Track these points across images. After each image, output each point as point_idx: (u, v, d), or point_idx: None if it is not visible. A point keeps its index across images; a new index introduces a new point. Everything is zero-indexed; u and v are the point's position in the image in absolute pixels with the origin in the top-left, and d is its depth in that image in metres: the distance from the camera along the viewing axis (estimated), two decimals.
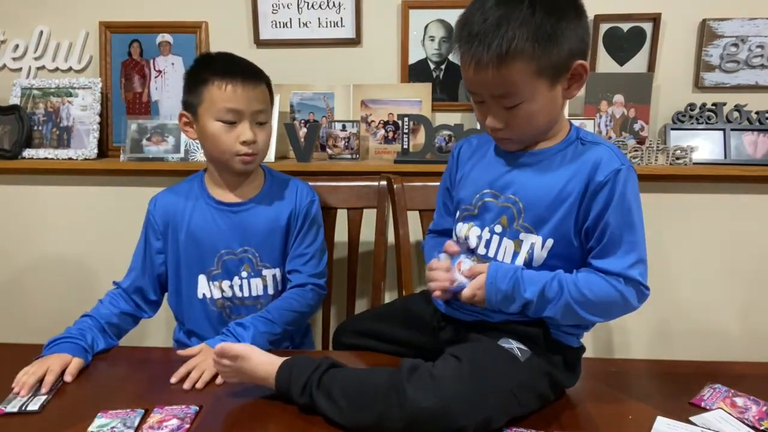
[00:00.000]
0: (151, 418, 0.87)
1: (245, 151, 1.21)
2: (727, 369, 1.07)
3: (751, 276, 1.82)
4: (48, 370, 0.98)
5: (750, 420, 0.88)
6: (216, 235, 1.26)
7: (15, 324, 1.97)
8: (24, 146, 1.86)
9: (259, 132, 1.23)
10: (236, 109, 1.19)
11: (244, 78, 1.20)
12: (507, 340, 0.94)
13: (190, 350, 1.07)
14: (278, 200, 1.31)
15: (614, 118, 1.78)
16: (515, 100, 0.89)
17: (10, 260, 1.98)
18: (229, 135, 1.20)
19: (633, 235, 0.91)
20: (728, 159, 1.73)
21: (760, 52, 1.74)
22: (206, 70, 1.21)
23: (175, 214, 1.27)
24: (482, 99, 0.92)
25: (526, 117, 0.90)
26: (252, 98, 1.20)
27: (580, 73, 0.90)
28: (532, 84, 0.87)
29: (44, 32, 1.90)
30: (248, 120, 1.21)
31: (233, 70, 1.20)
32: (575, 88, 0.92)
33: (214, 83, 1.18)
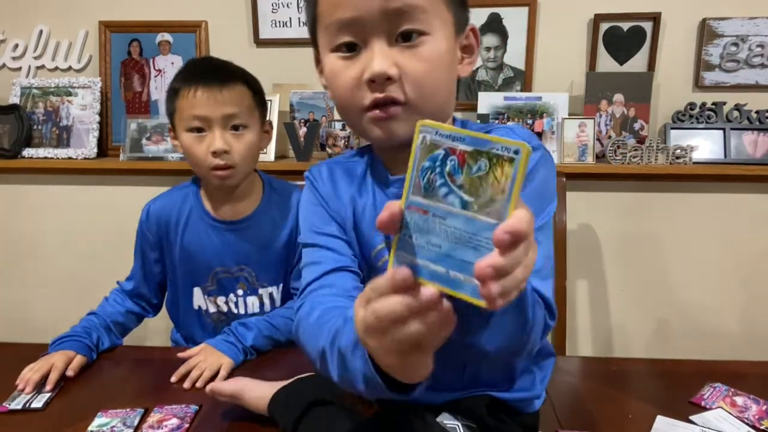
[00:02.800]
0: (151, 417, 0.87)
1: (216, 163, 1.10)
2: (727, 368, 1.06)
3: (751, 275, 1.82)
4: (53, 367, 0.98)
5: (750, 419, 0.88)
6: (210, 252, 1.20)
7: (15, 323, 1.97)
8: (24, 145, 1.86)
9: (234, 140, 1.11)
10: (201, 115, 1.09)
11: (209, 79, 1.09)
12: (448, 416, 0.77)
13: (190, 351, 1.06)
14: (278, 216, 1.21)
15: (614, 117, 1.78)
16: (418, 24, 0.63)
17: (10, 259, 1.98)
18: (199, 146, 1.10)
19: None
20: (728, 158, 1.73)
21: (760, 52, 1.74)
22: (177, 78, 1.14)
23: (167, 226, 1.21)
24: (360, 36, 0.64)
25: (428, 61, 0.65)
26: (221, 101, 1.09)
27: (472, 43, 0.73)
28: (438, 8, 0.65)
29: (44, 32, 1.90)
30: (218, 127, 1.10)
31: (198, 73, 1.11)
32: (468, 63, 0.74)
33: (181, 90, 1.10)
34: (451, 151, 0.41)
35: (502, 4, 1.78)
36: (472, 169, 0.40)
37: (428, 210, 0.43)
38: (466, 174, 0.41)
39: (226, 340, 1.08)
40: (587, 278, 1.87)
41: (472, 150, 0.40)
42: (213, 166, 1.10)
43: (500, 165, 0.39)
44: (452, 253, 0.42)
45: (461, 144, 0.41)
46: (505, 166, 0.38)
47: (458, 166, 0.41)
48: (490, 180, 0.39)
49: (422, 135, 0.43)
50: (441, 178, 0.42)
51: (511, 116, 1.77)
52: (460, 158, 0.41)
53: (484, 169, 0.40)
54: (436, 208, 0.42)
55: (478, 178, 0.40)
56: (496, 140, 0.39)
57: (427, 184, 0.42)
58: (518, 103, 1.78)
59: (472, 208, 0.40)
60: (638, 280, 1.85)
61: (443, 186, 0.42)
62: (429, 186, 0.42)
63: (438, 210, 0.42)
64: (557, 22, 1.78)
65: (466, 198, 0.41)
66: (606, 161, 1.73)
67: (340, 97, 0.69)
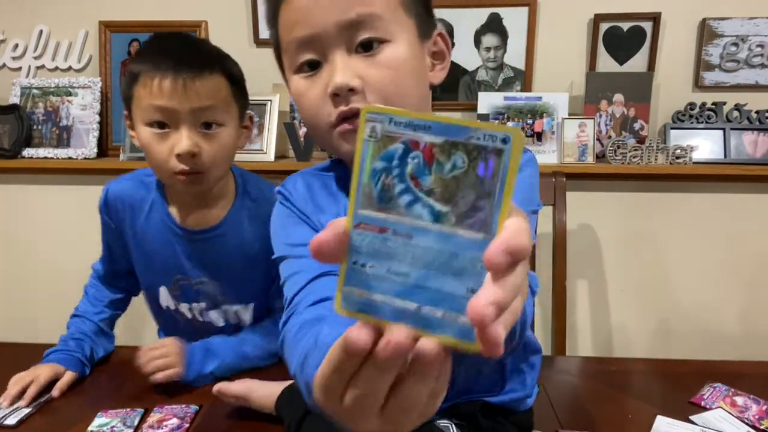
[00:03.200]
0: (151, 417, 0.87)
1: (181, 167, 0.91)
2: (727, 368, 1.06)
3: (751, 275, 1.82)
4: (33, 381, 0.93)
5: (750, 419, 0.88)
6: (171, 259, 1.05)
7: (15, 323, 1.97)
8: (24, 145, 1.86)
9: (204, 140, 0.92)
10: (165, 106, 0.89)
11: (179, 64, 0.89)
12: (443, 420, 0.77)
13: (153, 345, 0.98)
14: (249, 227, 1.02)
15: (614, 117, 1.78)
16: (376, 32, 0.61)
17: (10, 259, 1.98)
18: (160, 145, 0.91)
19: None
20: (728, 158, 1.73)
21: (760, 52, 1.74)
22: (138, 58, 0.95)
23: (124, 216, 1.06)
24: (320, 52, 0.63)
25: (390, 68, 0.62)
26: (192, 92, 0.89)
27: (442, 48, 0.70)
28: (397, 15, 0.63)
29: (44, 31, 1.90)
30: (186, 123, 0.90)
31: (165, 55, 0.90)
32: (440, 69, 0.70)
33: (142, 75, 0.90)
34: (412, 145, 0.31)
35: (502, 4, 1.78)
36: (444, 167, 0.30)
37: (386, 227, 0.32)
38: (437, 174, 0.31)
39: (192, 355, 0.99)
40: (587, 278, 1.87)
41: (442, 142, 0.30)
42: (177, 171, 0.92)
43: (483, 159, 0.29)
44: (425, 283, 0.31)
45: (427, 134, 0.31)
46: (491, 160, 0.29)
47: (424, 165, 0.31)
48: (471, 180, 0.30)
49: (370, 125, 0.32)
50: (401, 182, 0.32)
51: (511, 116, 1.77)
52: (427, 153, 0.31)
53: (461, 166, 0.30)
54: (397, 224, 0.32)
55: (454, 179, 0.30)
56: (477, 126, 0.30)
57: (382, 191, 0.32)
58: (518, 103, 1.78)
59: (449, 220, 0.31)
60: (638, 280, 1.85)
61: (405, 193, 0.32)
62: (385, 194, 0.32)
63: (400, 226, 0.32)
64: (557, 22, 1.78)
65: (439, 207, 0.31)
66: (606, 161, 1.73)
67: (307, 117, 0.67)
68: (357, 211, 0.33)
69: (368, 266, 0.33)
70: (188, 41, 0.99)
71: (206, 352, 1.00)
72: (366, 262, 0.33)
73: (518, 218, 0.29)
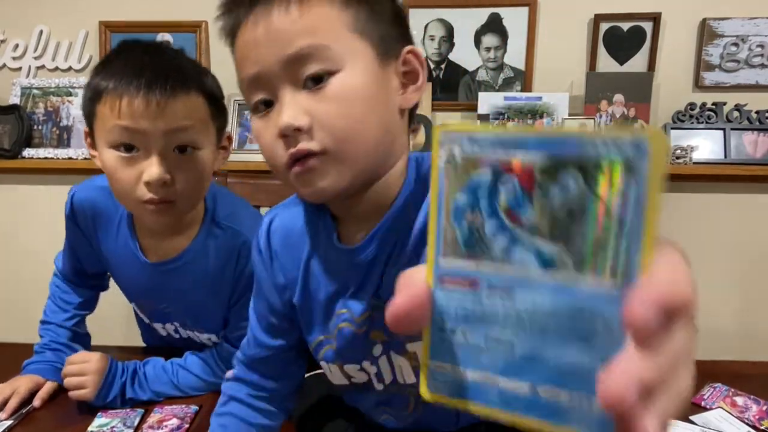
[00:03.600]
0: (151, 417, 0.87)
1: (149, 196, 0.80)
2: (727, 368, 1.06)
3: (751, 275, 1.82)
4: (14, 393, 0.90)
5: (750, 419, 0.88)
6: (135, 283, 0.98)
7: (15, 323, 1.97)
8: (24, 146, 1.86)
9: (178, 166, 0.81)
10: (134, 128, 0.77)
11: (152, 82, 0.77)
12: None
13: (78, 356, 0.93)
14: (215, 256, 0.93)
15: (614, 117, 1.78)
16: (323, 63, 0.55)
17: (10, 259, 1.98)
18: (127, 171, 0.80)
19: None
20: (728, 158, 1.73)
21: (761, 52, 1.74)
22: (101, 70, 0.82)
23: (95, 232, 0.98)
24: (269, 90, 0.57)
25: (338, 100, 0.55)
26: (166, 113, 0.78)
27: (415, 67, 0.61)
28: (347, 41, 0.56)
29: (44, 32, 1.90)
30: (157, 147, 0.79)
31: (136, 72, 0.78)
32: (413, 91, 0.62)
33: (107, 92, 0.78)
34: (504, 168, 0.24)
35: (502, 4, 1.78)
36: (550, 193, 0.23)
37: (479, 280, 0.25)
38: (541, 205, 0.23)
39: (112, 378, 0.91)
40: None
41: (545, 159, 0.23)
42: (146, 200, 0.80)
43: (607, 177, 0.22)
44: (540, 354, 0.24)
45: (521, 152, 0.23)
46: (618, 178, 0.21)
47: (523, 193, 0.24)
48: (591, 208, 0.22)
49: (445, 148, 0.25)
50: (494, 218, 0.24)
51: (512, 116, 1.77)
52: (525, 178, 0.23)
53: (573, 190, 0.22)
54: (493, 276, 0.25)
55: (567, 210, 0.23)
56: (593, 136, 0.22)
57: (469, 233, 0.25)
58: (518, 103, 1.78)
59: (565, 265, 0.23)
60: None
61: (500, 233, 0.24)
62: (473, 237, 0.25)
63: (497, 278, 0.25)
64: (557, 22, 1.78)
65: (549, 249, 0.23)
66: None
67: (266, 159, 0.61)
68: (439, 262, 0.26)
69: (459, 333, 0.26)
70: (161, 55, 0.86)
71: (133, 378, 0.93)
72: (456, 327, 0.26)
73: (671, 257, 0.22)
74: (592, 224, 0.22)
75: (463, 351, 0.25)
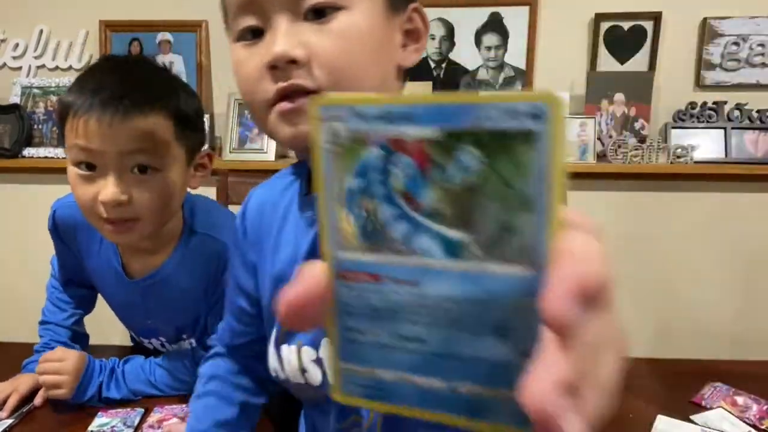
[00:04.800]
0: (151, 417, 0.87)
1: (105, 215, 0.80)
2: (727, 368, 1.06)
3: (752, 274, 1.82)
4: (14, 392, 0.91)
5: (751, 419, 0.88)
6: (119, 301, 1.00)
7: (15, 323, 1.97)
8: (24, 145, 1.86)
9: (137, 186, 0.80)
10: (88, 147, 0.77)
11: (108, 102, 0.76)
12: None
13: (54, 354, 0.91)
14: (192, 266, 0.93)
15: (615, 116, 1.78)
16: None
17: (10, 258, 1.98)
18: (85, 189, 0.80)
19: None
20: (729, 158, 1.73)
21: (761, 51, 1.74)
22: (72, 86, 0.81)
23: (78, 247, 0.98)
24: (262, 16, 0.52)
25: (343, 38, 0.51)
26: (120, 134, 0.77)
27: (418, 27, 0.59)
28: None
29: (44, 31, 1.90)
30: (114, 167, 0.78)
31: (96, 91, 0.77)
32: (414, 51, 0.60)
33: (70, 109, 0.78)
34: (395, 146, 0.21)
35: (503, 3, 1.77)
36: (448, 173, 0.20)
37: (380, 273, 0.23)
38: (439, 186, 0.21)
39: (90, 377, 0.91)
40: None
41: (438, 134, 0.20)
42: (104, 218, 0.80)
43: (506, 152, 0.19)
44: (452, 349, 0.22)
45: (412, 126, 0.20)
46: (520, 149, 0.19)
47: (419, 173, 0.21)
48: (495, 187, 0.20)
49: (326, 126, 0.22)
50: (390, 203, 0.22)
51: None
52: (419, 155, 0.21)
53: (474, 168, 0.20)
54: (395, 268, 0.22)
55: (468, 190, 0.20)
56: (487, 100, 0.19)
57: (366, 223, 0.22)
58: None
59: (471, 252, 0.21)
60: (639, 279, 1.85)
61: (399, 220, 0.22)
62: (371, 226, 0.22)
63: (400, 270, 0.22)
64: (558, 21, 1.78)
65: (453, 235, 0.21)
66: (607, 161, 1.72)
67: (244, 93, 0.56)
68: (336, 256, 0.23)
69: (368, 332, 0.23)
70: (131, 73, 0.84)
71: (110, 376, 0.93)
72: (363, 326, 0.23)
73: (579, 233, 0.20)
74: (496, 204, 0.20)
75: (374, 350, 0.23)
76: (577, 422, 0.18)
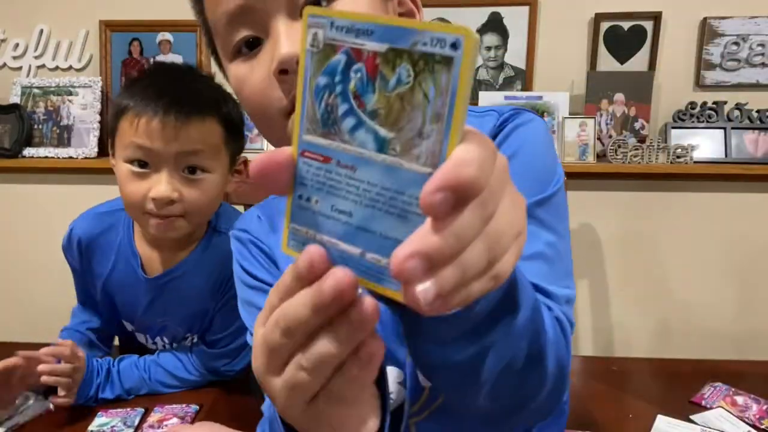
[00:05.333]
0: (151, 417, 0.87)
1: (155, 211, 0.86)
2: (727, 367, 1.06)
3: (751, 274, 1.82)
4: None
5: (750, 419, 0.88)
6: (135, 303, 1.01)
7: (15, 323, 1.97)
8: (24, 145, 1.86)
9: (186, 186, 0.87)
10: (148, 147, 0.84)
11: (170, 106, 0.83)
12: None
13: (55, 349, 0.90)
14: (215, 262, 0.96)
15: (615, 116, 1.78)
16: None
17: (10, 258, 1.99)
18: (137, 185, 0.86)
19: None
20: (729, 158, 1.73)
21: (761, 51, 1.74)
22: (127, 90, 0.89)
23: (92, 261, 1.01)
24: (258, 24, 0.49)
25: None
26: (179, 136, 0.84)
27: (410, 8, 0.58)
28: None
29: (44, 31, 1.90)
30: (168, 166, 0.85)
31: (157, 94, 0.84)
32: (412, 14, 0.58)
33: (129, 110, 0.85)
34: (355, 55, 0.26)
35: (503, 3, 1.77)
36: (388, 82, 0.25)
37: (330, 156, 0.27)
38: (381, 92, 0.25)
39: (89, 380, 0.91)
40: (588, 277, 1.87)
41: (386, 50, 0.25)
42: (153, 212, 0.86)
43: (431, 71, 0.24)
44: (368, 225, 0.27)
45: (369, 40, 0.25)
46: (440, 72, 0.24)
47: (368, 80, 0.26)
48: (417, 100, 0.25)
49: (312, 32, 0.27)
50: (345, 101, 0.26)
51: None
52: (370, 65, 0.25)
53: (405, 81, 0.25)
54: (341, 153, 0.27)
55: (399, 98, 0.25)
56: (423, 27, 0.24)
57: (325, 113, 0.27)
58: (519, 103, 1.78)
59: (393, 149, 0.26)
60: (639, 279, 1.85)
61: (349, 115, 0.27)
62: (329, 116, 0.27)
63: (344, 155, 0.27)
64: (558, 21, 1.78)
65: (384, 133, 0.26)
66: (607, 160, 1.72)
67: (252, 108, 0.53)
68: (302, 137, 0.28)
69: (314, 201, 0.28)
70: (185, 79, 0.91)
71: (107, 377, 0.94)
72: (311, 196, 0.28)
73: (468, 145, 0.24)
74: (416, 113, 0.24)
75: (315, 217, 0.28)
76: (432, 290, 0.23)
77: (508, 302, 0.36)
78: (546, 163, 0.57)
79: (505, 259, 0.26)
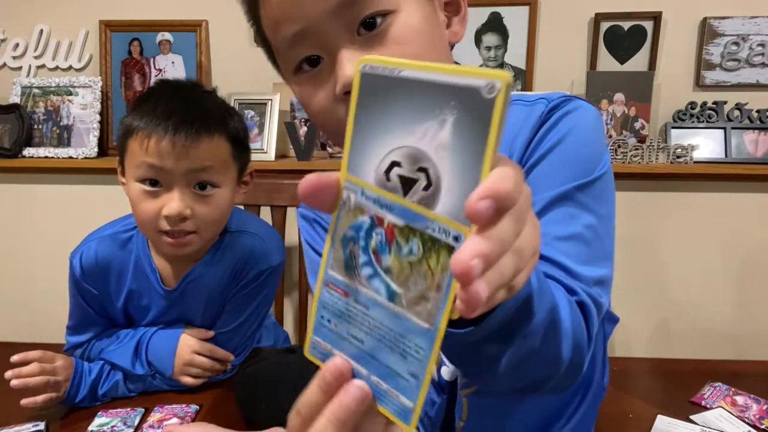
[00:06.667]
0: (152, 417, 0.87)
1: (167, 228, 0.88)
2: (727, 367, 1.07)
3: (751, 274, 1.82)
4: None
5: (750, 419, 0.88)
6: (154, 313, 1.04)
7: (15, 323, 1.97)
8: (24, 145, 1.86)
9: (198, 202, 0.89)
10: (158, 165, 0.86)
11: (179, 126, 0.85)
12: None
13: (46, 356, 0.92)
14: (227, 259, 1.00)
15: (615, 116, 1.78)
16: (376, 4, 0.50)
17: (10, 259, 1.99)
18: (149, 203, 0.88)
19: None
20: (729, 158, 1.73)
21: (761, 51, 1.74)
22: (135, 110, 0.90)
23: (109, 283, 1.02)
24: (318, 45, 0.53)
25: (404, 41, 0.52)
26: (190, 154, 0.86)
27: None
28: None
29: (44, 31, 1.90)
30: (179, 184, 0.88)
31: (166, 114, 0.86)
32: (458, 23, 0.61)
33: (138, 131, 0.87)
34: (378, 222, 0.31)
35: (503, 3, 1.77)
36: (402, 250, 0.30)
37: (349, 293, 0.33)
38: (395, 255, 0.31)
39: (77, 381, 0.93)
40: None
41: (403, 225, 0.30)
42: (164, 231, 0.89)
43: (435, 252, 0.29)
44: (376, 355, 0.32)
45: (390, 214, 0.30)
46: (442, 255, 0.29)
47: (386, 243, 0.31)
48: (423, 270, 0.30)
49: (345, 193, 0.33)
50: (365, 254, 0.32)
51: None
52: (388, 233, 0.31)
53: (415, 253, 0.30)
54: (358, 293, 0.33)
55: (409, 264, 0.30)
56: (435, 217, 0.29)
57: (349, 258, 0.33)
58: None
59: (400, 302, 0.31)
60: (639, 279, 1.85)
61: (367, 265, 0.32)
62: (351, 262, 0.33)
63: (361, 295, 0.33)
64: (558, 21, 1.78)
65: (394, 287, 0.31)
66: None
67: (320, 123, 0.58)
68: (327, 271, 0.34)
69: (333, 324, 0.34)
70: (192, 98, 0.92)
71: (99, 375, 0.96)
72: (331, 319, 0.34)
73: (504, 167, 0.26)
74: (421, 281, 0.30)
75: (333, 336, 0.34)
76: (484, 286, 0.26)
77: (526, 310, 0.39)
78: (591, 150, 0.59)
79: (524, 273, 0.30)
